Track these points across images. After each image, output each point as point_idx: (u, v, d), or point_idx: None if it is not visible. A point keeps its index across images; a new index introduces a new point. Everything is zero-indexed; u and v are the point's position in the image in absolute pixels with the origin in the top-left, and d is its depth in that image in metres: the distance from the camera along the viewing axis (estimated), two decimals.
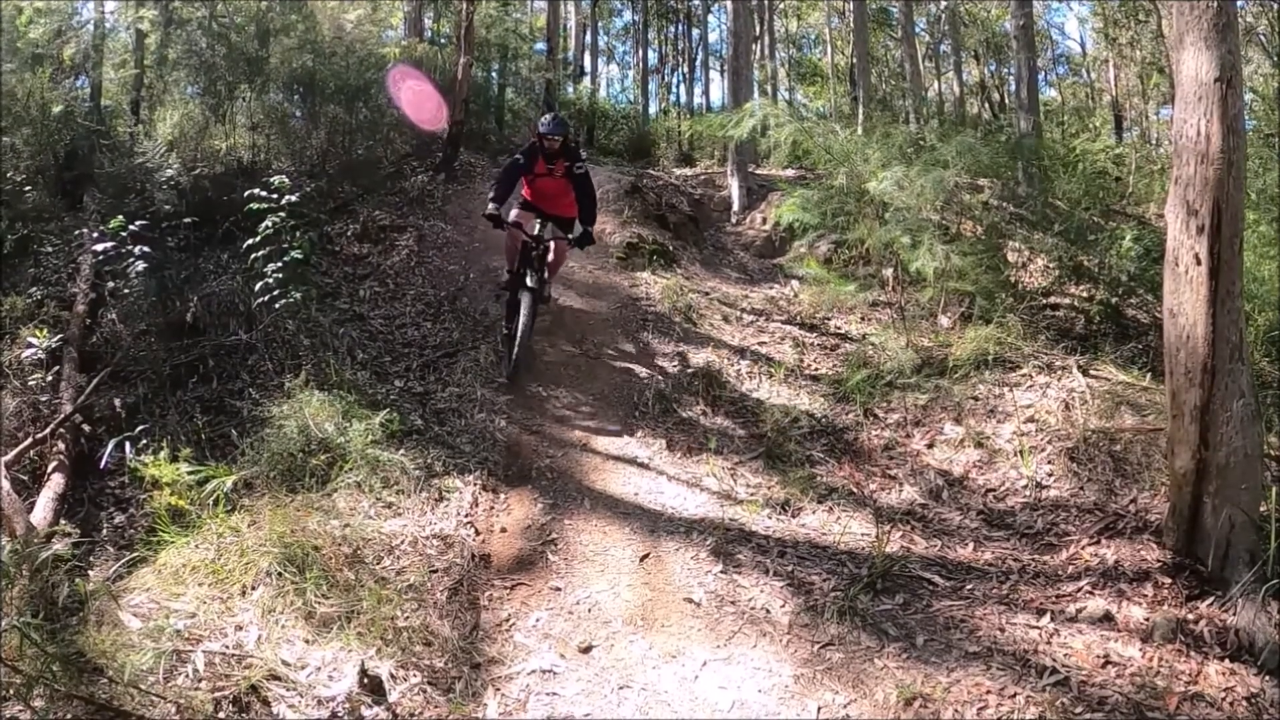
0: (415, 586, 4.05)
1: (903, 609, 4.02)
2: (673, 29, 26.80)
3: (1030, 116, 12.38)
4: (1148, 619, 3.75)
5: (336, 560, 4.02)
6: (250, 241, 6.89)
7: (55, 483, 5.27)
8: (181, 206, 8.18)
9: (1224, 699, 3.30)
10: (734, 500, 5.23)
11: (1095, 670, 3.47)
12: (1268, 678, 3.40)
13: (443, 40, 16.12)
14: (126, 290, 6.97)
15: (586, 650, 3.79)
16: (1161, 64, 17.68)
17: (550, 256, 7.26)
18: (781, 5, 25.03)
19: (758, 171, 13.98)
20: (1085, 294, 8.03)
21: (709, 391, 6.64)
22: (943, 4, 21.06)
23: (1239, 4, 4.21)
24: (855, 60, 18.25)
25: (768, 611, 4.02)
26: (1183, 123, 3.96)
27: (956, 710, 3.27)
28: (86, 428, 5.94)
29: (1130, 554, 4.23)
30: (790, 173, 13.24)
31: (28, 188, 8.50)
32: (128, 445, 5.36)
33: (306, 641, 3.56)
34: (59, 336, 6.37)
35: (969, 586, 4.21)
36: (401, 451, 5.22)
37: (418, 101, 11.89)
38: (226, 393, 6.28)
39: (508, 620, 4.06)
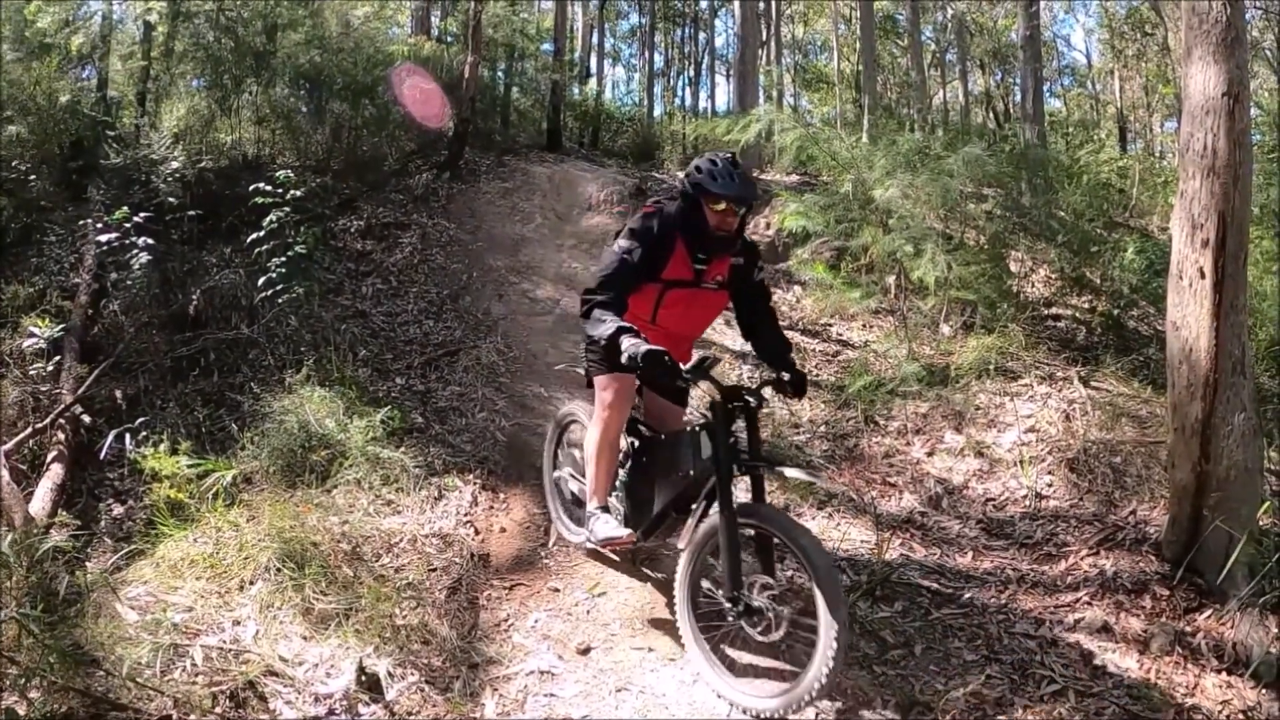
0: (414, 585, 4.05)
1: (901, 616, 4.02)
2: (679, 32, 26.84)
3: (1035, 127, 12.39)
4: (1146, 630, 3.75)
5: (335, 557, 4.02)
6: (254, 236, 6.91)
7: (54, 473, 5.27)
8: (186, 199, 8.18)
9: (1221, 712, 3.31)
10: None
11: (1093, 681, 3.47)
12: (1264, 691, 3.40)
13: (449, 39, 16.12)
14: (129, 282, 6.98)
15: (585, 652, 3.79)
16: (1167, 76, 17.69)
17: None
18: (789, 11, 25.03)
19: (762, 176, 13.97)
20: (1087, 305, 8.03)
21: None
22: (950, 13, 21.05)
23: (1246, 18, 4.21)
24: (862, 67, 18.26)
25: None
26: (1189, 137, 3.96)
27: (954, 718, 3.27)
28: (86, 418, 5.94)
29: (1129, 565, 4.23)
30: (794, 178, 13.25)
31: (32, 177, 8.51)
32: (127, 437, 5.37)
33: (304, 638, 3.55)
34: (61, 326, 6.37)
35: (968, 595, 4.21)
36: (402, 449, 5.22)
37: (423, 99, 11.89)
38: (227, 386, 6.29)
39: (506, 620, 4.05)
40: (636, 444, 4.16)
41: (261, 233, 6.85)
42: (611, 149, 18.12)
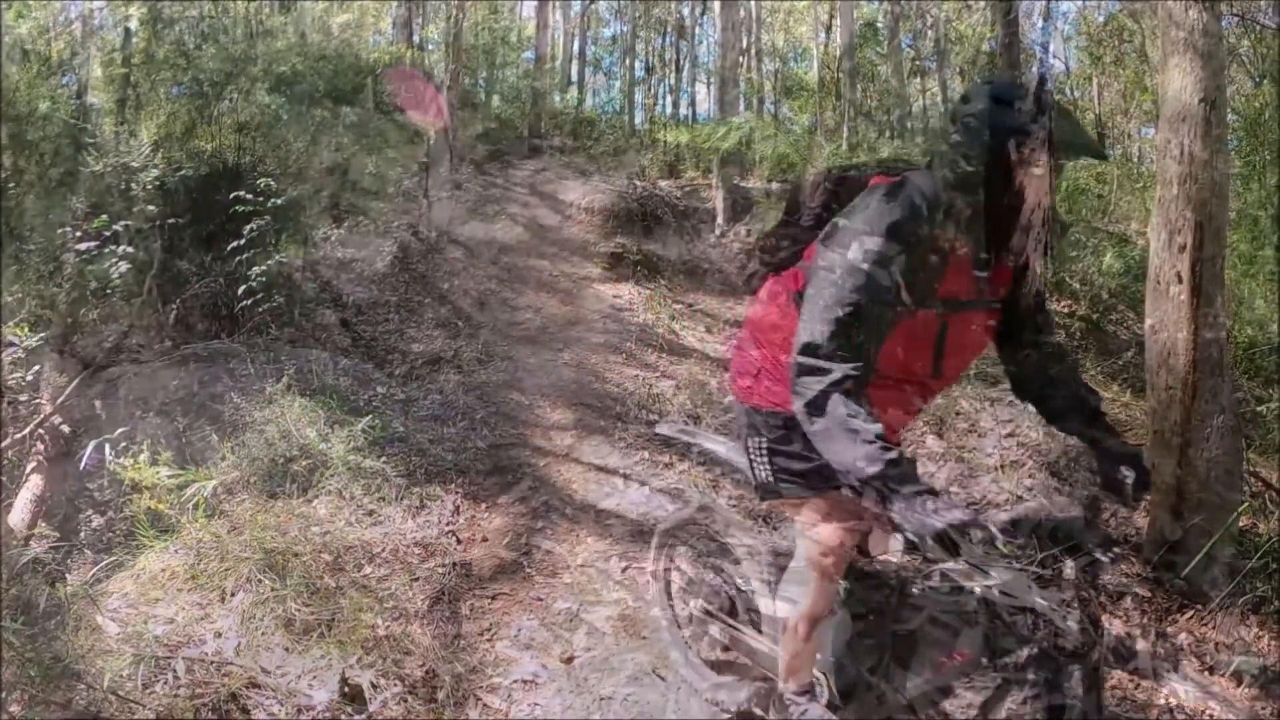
0: (396, 595, 4.02)
1: None
2: (660, 40, 26.91)
3: None
4: (1128, 632, 3.77)
5: (317, 567, 3.99)
6: (234, 244, 6.86)
7: (33, 484, 5.21)
8: (165, 207, 8.12)
9: (1203, 712, 3.32)
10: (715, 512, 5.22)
11: None
12: (1246, 691, 3.43)
13: (431, 46, 16.11)
14: (108, 290, 6.91)
15: (569, 661, 3.78)
16: (1145, 82, 17.86)
17: None
18: (769, 18, 25.15)
19: (743, 183, 14.01)
20: (1067, 309, 8.08)
21: (691, 403, 6.64)
22: (929, 20, 21.19)
23: (1222, 25, 4.27)
24: (842, 75, 18.36)
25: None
26: (1166, 143, 4.00)
27: None
28: (66, 429, 5.88)
29: (1110, 568, 4.25)
30: (775, 186, 13.28)
31: (10, 184, 8.42)
32: (107, 447, 5.32)
33: (287, 649, 3.53)
34: (39, 336, 6.31)
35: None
36: (383, 459, 5.18)
37: (405, 106, 11.90)
38: (208, 396, 6.23)
39: (489, 630, 4.03)
40: (845, 587, 2.78)
41: (242, 241, 6.81)
42: (593, 156, 18.16)
